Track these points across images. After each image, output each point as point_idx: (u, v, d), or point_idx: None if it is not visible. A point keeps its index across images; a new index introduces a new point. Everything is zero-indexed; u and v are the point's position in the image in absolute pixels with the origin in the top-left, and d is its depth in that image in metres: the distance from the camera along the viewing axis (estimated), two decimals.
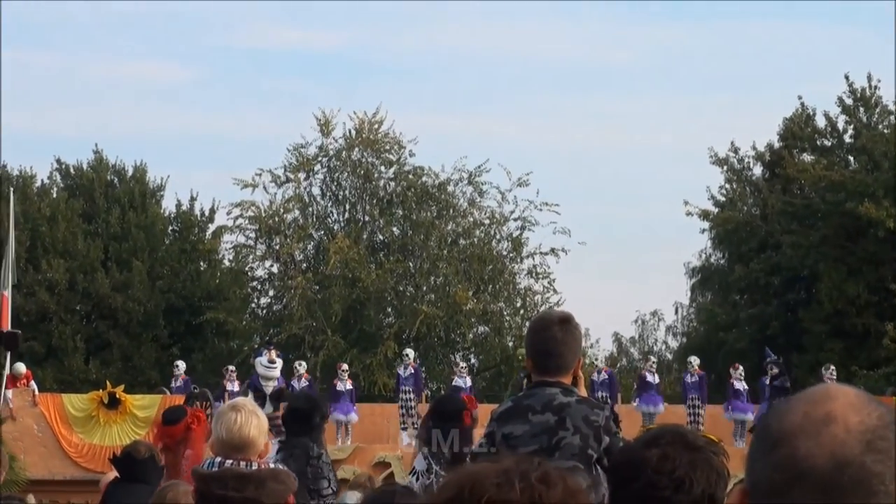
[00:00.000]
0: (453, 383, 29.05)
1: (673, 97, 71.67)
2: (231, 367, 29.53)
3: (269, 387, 28.34)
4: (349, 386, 28.92)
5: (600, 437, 5.52)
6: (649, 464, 3.15)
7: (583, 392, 5.75)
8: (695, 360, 29.70)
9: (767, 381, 27.96)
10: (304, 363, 30.05)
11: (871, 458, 1.71)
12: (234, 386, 27.59)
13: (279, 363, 28.72)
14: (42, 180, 45.64)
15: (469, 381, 29.35)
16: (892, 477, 1.70)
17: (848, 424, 1.73)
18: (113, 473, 8.90)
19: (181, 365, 30.50)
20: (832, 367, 29.25)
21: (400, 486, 4.86)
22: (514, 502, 1.78)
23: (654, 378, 29.37)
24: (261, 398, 25.46)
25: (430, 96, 68.25)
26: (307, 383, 28.20)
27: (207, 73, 69.47)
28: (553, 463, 1.99)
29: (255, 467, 4.82)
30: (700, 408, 28.39)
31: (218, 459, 4.97)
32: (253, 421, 5.07)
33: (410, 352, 30.27)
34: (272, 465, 5.10)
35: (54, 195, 44.86)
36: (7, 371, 27.12)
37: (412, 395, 28.42)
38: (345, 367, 29.98)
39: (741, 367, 29.28)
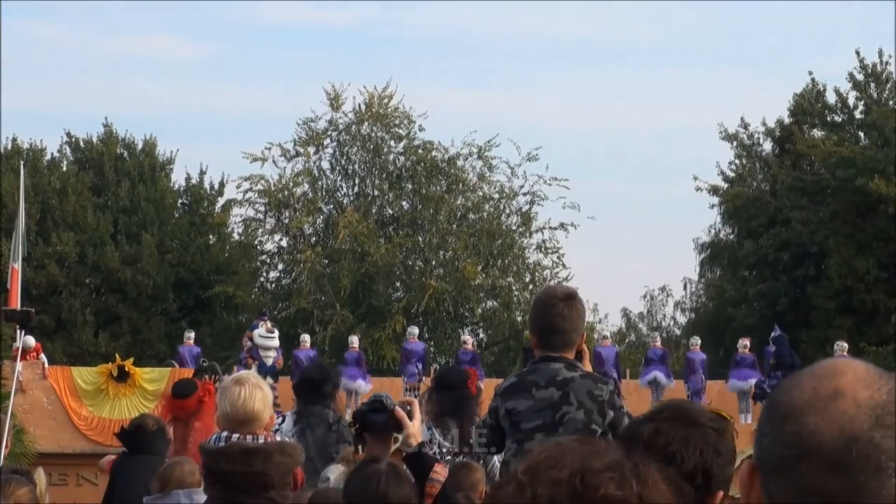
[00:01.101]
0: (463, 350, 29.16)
1: (683, 72, 71.48)
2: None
3: (269, 357, 28.37)
4: (355, 354, 28.91)
5: (604, 412, 5.51)
6: (641, 438, 3.16)
7: (587, 367, 5.74)
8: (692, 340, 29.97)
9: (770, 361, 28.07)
10: (307, 337, 30.13)
11: (880, 434, 1.70)
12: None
13: (276, 333, 28.77)
14: (52, 153, 45.69)
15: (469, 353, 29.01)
16: None
17: (857, 399, 1.72)
18: (112, 456, 8.91)
19: (190, 335, 30.52)
20: (844, 344, 29.15)
21: (386, 464, 4.79)
22: (628, 503, 1.76)
23: (654, 354, 29.42)
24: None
25: (439, 71, 68.15)
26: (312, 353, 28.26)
27: (217, 47, 69.43)
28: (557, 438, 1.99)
29: (261, 441, 4.82)
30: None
31: (224, 434, 4.97)
32: (257, 394, 5.06)
33: (411, 329, 30.29)
34: (281, 438, 5.09)
35: (64, 168, 44.89)
36: (17, 344, 27.16)
37: (404, 376, 28.40)
38: (355, 341, 29.99)
39: (746, 341, 29.24)
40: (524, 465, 1.81)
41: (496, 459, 7.66)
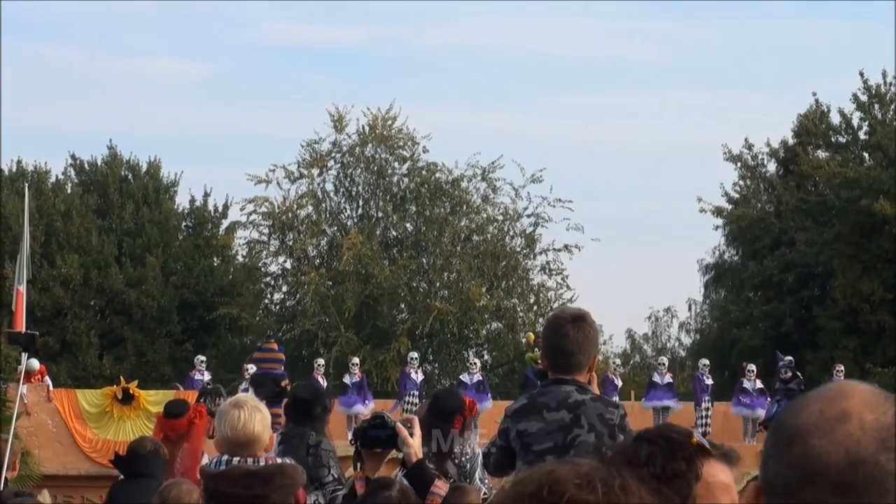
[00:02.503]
0: (460, 377, 29.50)
1: (687, 93, 71.58)
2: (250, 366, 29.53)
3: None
4: (357, 378, 29.00)
5: (615, 436, 5.50)
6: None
7: (596, 390, 5.73)
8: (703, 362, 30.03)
9: (779, 385, 27.96)
10: (321, 361, 30.44)
11: (886, 457, 1.69)
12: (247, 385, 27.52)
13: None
14: (57, 176, 45.77)
15: (478, 377, 29.43)
16: None
17: (863, 422, 1.72)
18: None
19: (201, 360, 30.50)
20: (841, 367, 29.16)
21: (397, 490, 4.77)
22: None
23: (661, 379, 29.41)
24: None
25: (443, 92, 68.27)
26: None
27: (221, 69, 69.56)
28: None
29: (262, 463, 4.80)
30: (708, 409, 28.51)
31: (225, 457, 4.95)
32: (256, 416, 5.05)
33: (415, 354, 30.76)
34: (278, 460, 5.07)
35: (69, 191, 44.95)
36: (21, 367, 27.21)
37: (418, 401, 28.51)
38: (355, 360, 30.24)
39: (753, 367, 29.23)
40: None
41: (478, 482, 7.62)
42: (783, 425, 1.77)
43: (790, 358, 28.54)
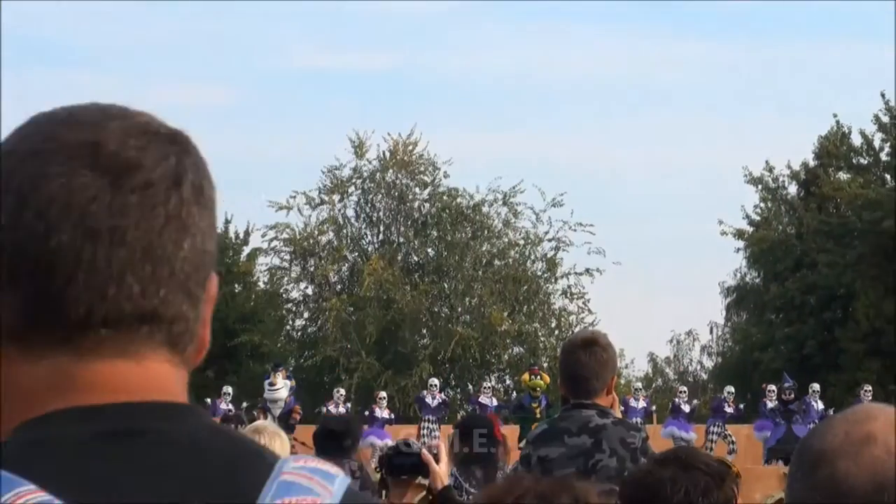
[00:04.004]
0: (479, 400, 29.62)
1: (707, 116, 71.50)
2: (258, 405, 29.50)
3: (277, 409, 28.49)
4: (386, 414, 29.05)
5: (637, 459, 5.49)
6: (635, 478, 3.36)
7: (618, 412, 5.73)
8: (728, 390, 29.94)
9: (778, 404, 27.87)
10: (342, 391, 30.39)
11: None
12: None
13: (283, 384, 28.78)
14: None
15: (494, 401, 29.76)
16: None
17: (888, 445, 1.71)
18: None
19: (229, 390, 30.54)
20: (869, 387, 29.06)
21: None
22: None
23: (685, 407, 29.33)
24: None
25: (464, 117, 68.29)
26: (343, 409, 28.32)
27: (240, 96, 69.79)
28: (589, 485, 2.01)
29: None
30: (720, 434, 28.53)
31: None
32: (276, 442, 5.06)
33: (436, 380, 30.84)
34: None
35: None
36: None
37: (436, 427, 28.52)
38: (383, 394, 30.21)
39: (773, 387, 29.14)
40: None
41: None
42: (808, 449, 1.77)
43: (791, 383, 28.46)
